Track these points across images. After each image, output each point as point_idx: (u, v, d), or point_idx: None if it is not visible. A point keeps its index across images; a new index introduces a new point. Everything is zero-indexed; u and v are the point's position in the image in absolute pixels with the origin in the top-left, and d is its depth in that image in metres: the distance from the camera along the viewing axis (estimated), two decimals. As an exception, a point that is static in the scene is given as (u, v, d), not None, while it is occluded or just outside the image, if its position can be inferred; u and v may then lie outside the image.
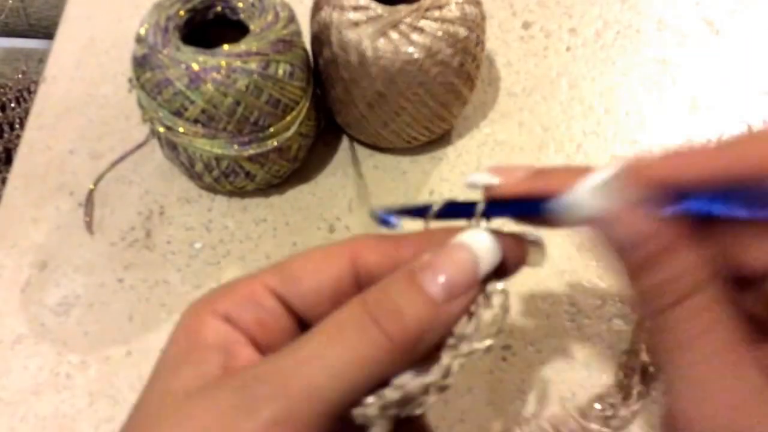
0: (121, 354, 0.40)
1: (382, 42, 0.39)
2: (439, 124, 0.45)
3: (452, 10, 0.40)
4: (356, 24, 0.39)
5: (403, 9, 0.40)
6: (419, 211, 0.25)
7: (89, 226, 0.44)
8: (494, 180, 0.24)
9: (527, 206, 0.23)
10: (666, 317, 0.20)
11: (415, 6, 0.40)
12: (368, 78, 0.40)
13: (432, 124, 0.44)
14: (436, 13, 0.40)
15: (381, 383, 0.20)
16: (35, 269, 0.43)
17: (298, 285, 0.23)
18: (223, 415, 0.19)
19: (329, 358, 0.19)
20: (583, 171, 0.22)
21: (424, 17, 0.39)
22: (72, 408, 0.38)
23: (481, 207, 0.23)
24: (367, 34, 0.39)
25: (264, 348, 0.22)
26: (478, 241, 0.22)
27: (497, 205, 0.23)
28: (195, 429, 0.19)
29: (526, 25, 0.55)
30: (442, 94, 0.42)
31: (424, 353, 0.21)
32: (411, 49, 0.39)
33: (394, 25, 0.39)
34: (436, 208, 0.24)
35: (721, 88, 0.51)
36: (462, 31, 0.40)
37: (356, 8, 0.40)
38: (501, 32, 0.54)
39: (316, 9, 0.42)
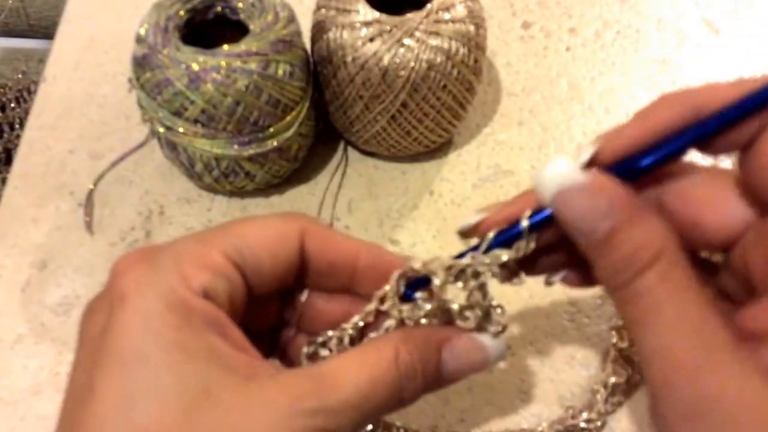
0: (121, 354, 0.40)
1: (402, 51, 0.39)
2: (456, 123, 0.45)
3: (460, 10, 0.40)
4: (371, 39, 0.39)
5: (414, 16, 0.40)
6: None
7: (89, 226, 0.44)
8: (480, 216, 0.26)
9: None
10: (633, 288, 0.21)
11: (425, 11, 0.40)
12: (392, 90, 0.40)
13: (450, 125, 0.44)
14: (447, 15, 0.40)
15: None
16: (35, 269, 0.43)
17: (260, 266, 0.24)
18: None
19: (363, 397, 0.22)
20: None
21: (436, 21, 0.40)
22: (72, 408, 0.38)
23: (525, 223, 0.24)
24: (387, 46, 0.39)
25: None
26: (496, 351, 0.26)
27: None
28: (261, 418, 0.20)
29: (525, 25, 0.55)
30: (462, 93, 0.42)
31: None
32: (432, 54, 0.39)
33: (410, 33, 0.39)
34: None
35: (721, 88, 0.51)
36: (472, 29, 0.41)
37: (367, 24, 0.39)
38: (501, 32, 0.54)
39: (320, 32, 0.41)
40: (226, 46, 0.38)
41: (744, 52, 0.53)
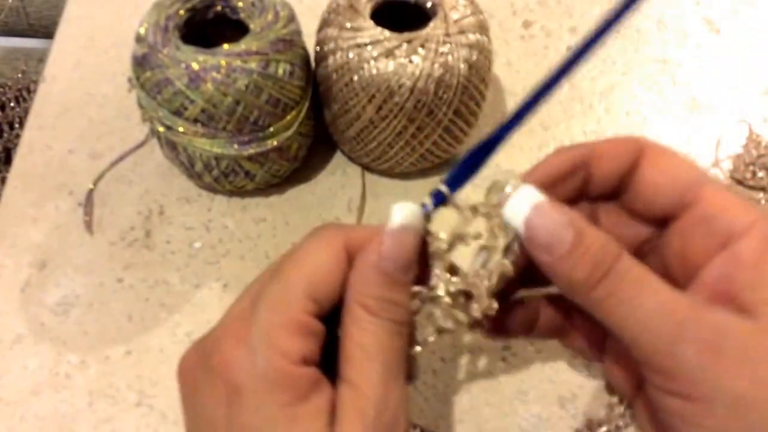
0: (120, 354, 0.40)
1: (410, 69, 0.38)
2: (468, 131, 0.44)
3: (465, 24, 0.40)
4: (379, 57, 0.39)
5: (422, 33, 0.39)
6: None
7: (89, 225, 0.44)
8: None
9: None
10: (614, 272, 0.24)
11: (432, 25, 0.39)
12: (409, 102, 0.39)
13: (461, 133, 0.43)
14: (456, 27, 0.39)
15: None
16: (35, 269, 0.43)
17: (333, 299, 0.26)
18: None
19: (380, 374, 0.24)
20: None
21: (447, 33, 0.39)
22: (71, 408, 0.38)
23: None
24: (395, 65, 0.38)
25: None
26: (404, 216, 0.26)
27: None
28: None
29: (526, 25, 0.55)
30: (476, 96, 0.42)
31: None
32: (441, 71, 0.39)
33: (421, 46, 0.39)
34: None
35: (721, 88, 0.51)
36: (481, 38, 0.40)
37: (374, 43, 0.39)
38: (501, 32, 0.54)
39: (325, 51, 0.41)
40: (226, 46, 0.38)
41: (744, 52, 0.53)
